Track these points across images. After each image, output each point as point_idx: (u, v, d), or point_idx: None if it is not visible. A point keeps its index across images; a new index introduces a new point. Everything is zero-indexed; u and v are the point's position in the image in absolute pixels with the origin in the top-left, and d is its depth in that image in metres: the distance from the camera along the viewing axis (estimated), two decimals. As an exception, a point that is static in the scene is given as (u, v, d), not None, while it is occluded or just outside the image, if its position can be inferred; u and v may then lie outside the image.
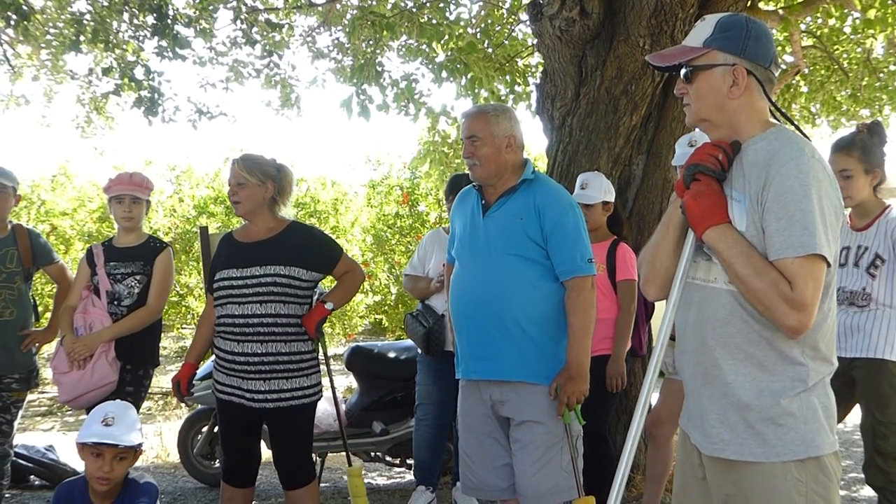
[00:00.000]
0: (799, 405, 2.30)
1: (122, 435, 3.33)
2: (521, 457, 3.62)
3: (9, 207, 5.07)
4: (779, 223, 2.25)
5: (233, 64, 10.53)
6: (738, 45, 2.42)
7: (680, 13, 5.27)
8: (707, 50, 2.44)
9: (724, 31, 2.43)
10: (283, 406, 4.14)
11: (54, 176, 15.15)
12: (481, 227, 3.75)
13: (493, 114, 3.76)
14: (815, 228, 2.21)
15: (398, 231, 15.04)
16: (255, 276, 4.13)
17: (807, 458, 2.30)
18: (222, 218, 13.95)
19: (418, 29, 8.02)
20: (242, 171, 4.20)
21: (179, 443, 6.50)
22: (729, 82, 2.42)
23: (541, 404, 3.60)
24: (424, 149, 10.63)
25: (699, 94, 2.46)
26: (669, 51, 2.55)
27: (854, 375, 4.25)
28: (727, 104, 2.44)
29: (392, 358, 6.30)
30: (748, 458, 2.34)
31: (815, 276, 2.22)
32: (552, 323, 3.65)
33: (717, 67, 2.42)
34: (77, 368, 4.58)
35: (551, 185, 3.87)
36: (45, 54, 10.84)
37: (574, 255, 3.64)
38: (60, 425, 10.06)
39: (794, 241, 2.22)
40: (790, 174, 2.26)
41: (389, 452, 6.12)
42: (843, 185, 4.18)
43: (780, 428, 2.31)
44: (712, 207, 2.39)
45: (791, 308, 2.21)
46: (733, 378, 2.38)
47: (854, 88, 11.26)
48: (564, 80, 5.73)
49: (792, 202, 2.24)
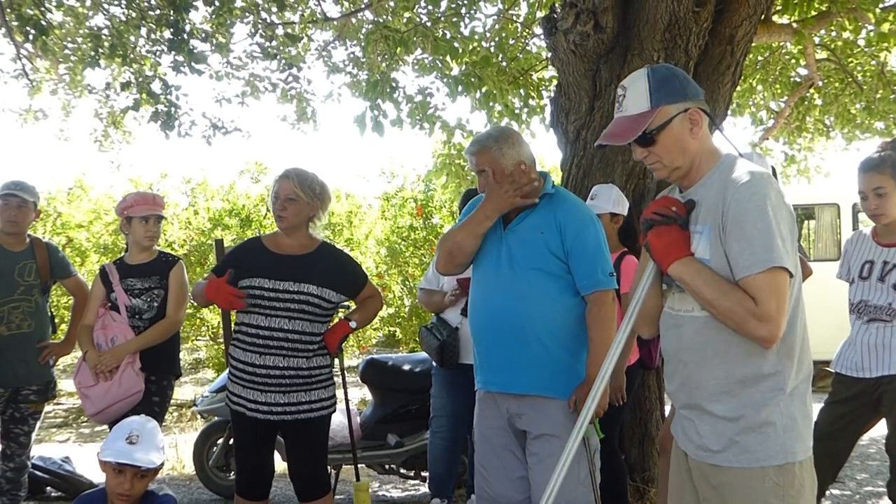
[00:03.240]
0: (779, 415, 2.46)
1: (145, 455, 3.33)
2: (538, 471, 3.59)
3: (29, 221, 5.14)
4: (739, 244, 2.40)
5: (249, 78, 10.59)
6: (681, 92, 2.58)
7: (694, 27, 5.29)
8: (657, 109, 2.54)
9: (662, 84, 2.56)
10: (301, 418, 4.17)
11: (70, 188, 15.23)
12: (502, 240, 3.73)
13: (496, 147, 3.71)
14: (773, 243, 2.36)
15: (412, 243, 15.03)
16: (288, 292, 4.15)
17: (785, 464, 2.46)
18: (237, 230, 13.98)
19: (433, 44, 8.04)
20: (296, 188, 4.21)
21: (195, 454, 6.52)
22: (688, 126, 2.57)
23: (558, 418, 3.59)
24: (440, 162, 10.65)
25: (666, 149, 2.58)
26: (620, 128, 2.61)
27: (881, 393, 4.21)
28: (690, 146, 2.58)
29: (407, 370, 6.31)
30: (733, 465, 2.49)
31: (777, 288, 2.37)
32: (572, 337, 3.65)
33: (674, 119, 2.55)
34: (104, 380, 4.61)
35: (571, 199, 3.86)
36: (64, 69, 10.92)
37: (595, 269, 3.63)
38: (76, 437, 10.10)
39: (755, 259, 2.37)
40: (744, 197, 2.41)
41: (404, 465, 6.13)
42: (877, 203, 4.20)
43: (761, 435, 2.46)
44: (673, 243, 2.56)
45: (759, 321, 2.36)
46: (717, 396, 2.53)
47: (868, 101, 11.24)
48: (579, 94, 5.74)
49: (749, 223, 2.39)
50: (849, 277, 4.45)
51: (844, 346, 4.43)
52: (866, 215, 4.42)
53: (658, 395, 5.81)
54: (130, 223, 4.89)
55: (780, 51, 11.08)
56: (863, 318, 4.27)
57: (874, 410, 4.29)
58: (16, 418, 5.05)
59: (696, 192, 2.60)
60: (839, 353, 4.44)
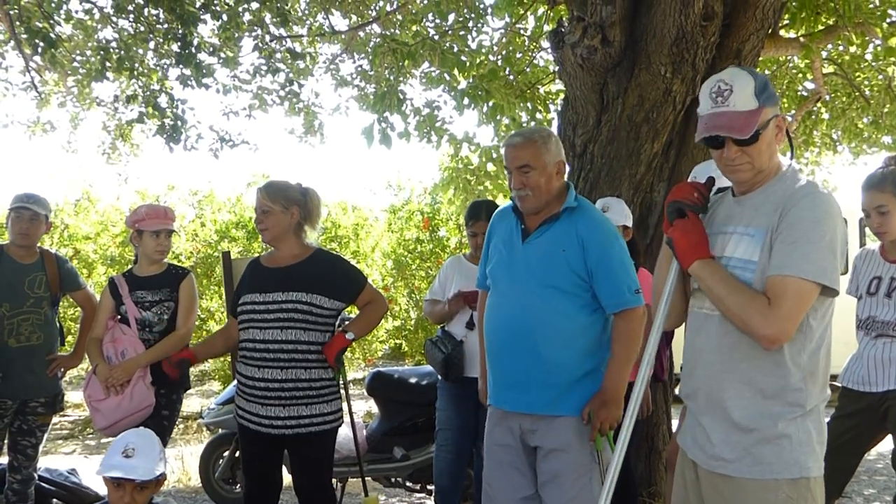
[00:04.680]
0: (795, 429, 2.47)
1: (142, 467, 3.33)
2: (551, 489, 3.55)
3: (40, 234, 5.15)
4: (782, 246, 2.42)
5: (257, 91, 10.63)
6: (775, 98, 2.60)
7: (701, 41, 5.29)
8: (762, 110, 2.55)
9: (764, 87, 2.56)
10: (303, 432, 4.16)
11: (78, 200, 15.25)
12: (520, 253, 3.66)
13: (541, 141, 3.62)
14: (814, 256, 2.38)
15: (419, 256, 15.03)
16: (276, 302, 4.15)
17: (799, 478, 2.46)
18: (244, 243, 14.00)
19: (440, 57, 8.06)
20: (266, 200, 4.24)
21: (201, 467, 6.52)
22: (776, 133, 2.59)
23: (571, 435, 3.53)
24: (447, 175, 10.65)
25: (760, 151, 2.57)
26: (734, 122, 2.54)
27: (887, 408, 4.20)
28: (775, 152, 2.61)
29: (413, 383, 6.31)
30: (746, 475, 2.49)
31: (798, 295, 2.38)
32: (588, 357, 3.57)
33: (770, 122, 2.56)
34: (115, 394, 4.61)
35: (594, 213, 3.75)
36: (72, 81, 10.98)
37: (622, 287, 3.54)
38: (82, 448, 10.10)
39: (789, 262, 2.39)
40: (805, 207, 2.43)
41: (410, 478, 6.12)
42: (879, 221, 4.21)
43: (777, 448, 2.47)
44: (699, 244, 2.61)
45: (765, 319, 2.39)
46: (736, 402, 2.53)
47: (876, 115, 11.24)
48: (586, 108, 5.75)
49: (799, 230, 2.41)
50: (857, 294, 4.45)
51: (851, 360, 4.42)
52: (871, 232, 4.42)
53: (665, 408, 5.80)
54: (141, 236, 4.88)
55: (788, 65, 11.10)
56: (870, 334, 4.27)
57: (880, 425, 4.29)
58: (23, 430, 5.04)
59: (754, 198, 2.60)
60: (846, 367, 4.44)
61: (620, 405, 3.51)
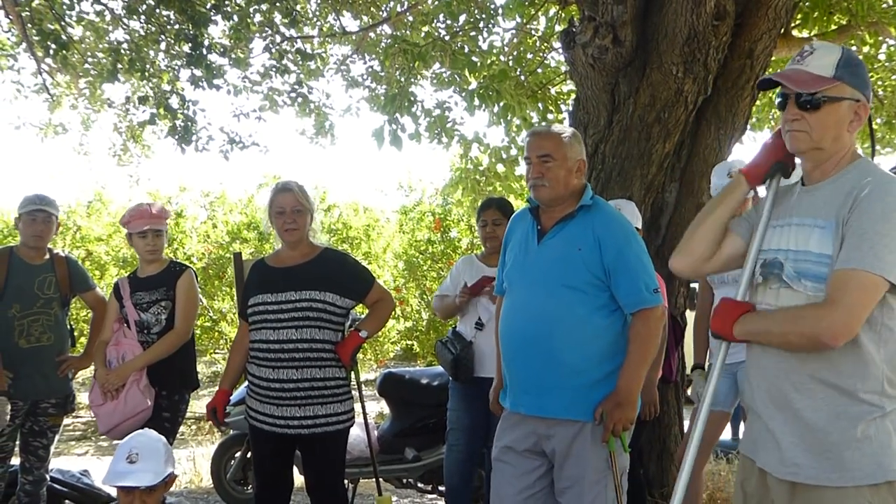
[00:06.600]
0: (876, 429, 2.32)
1: (146, 472, 3.31)
2: (571, 495, 3.48)
3: (51, 235, 5.15)
4: (851, 239, 2.32)
5: (268, 92, 10.64)
6: (863, 82, 2.49)
7: (713, 41, 5.27)
8: (837, 82, 2.45)
9: (850, 65, 2.47)
10: (318, 432, 4.15)
11: (90, 202, 15.32)
12: (535, 254, 3.60)
13: (566, 136, 3.59)
14: (882, 250, 2.26)
15: (430, 257, 15.03)
16: (290, 301, 4.15)
17: (882, 483, 2.31)
18: (255, 244, 14.04)
19: (451, 58, 8.05)
20: (301, 199, 4.26)
21: (213, 468, 6.53)
22: (850, 117, 2.47)
23: (588, 440, 3.46)
24: (457, 176, 10.63)
25: (823, 124, 2.47)
26: (798, 76, 2.49)
27: None
28: (844, 137, 2.49)
29: (424, 384, 6.30)
30: (824, 483, 2.35)
31: (863, 287, 2.27)
32: (605, 360, 3.49)
33: (845, 101, 2.46)
34: (110, 399, 4.62)
35: (610, 212, 3.68)
36: (84, 83, 11.02)
37: (639, 286, 3.47)
38: (94, 450, 10.13)
39: (857, 256, 2.28)
40: (876, 197, 2.33)
41: (421, 479, 6.11)
42: None
43: (857, 452, 2.32)
44: (727, 311, 2.59)
45: (818, 317, 2.29)
46: (810, 402, 2.40)
47: (889, 115, 11.16)
48: (597, 108, 5.73)
49: (868, 222, 2.30)
50: None
51: None
52: None
53: (677, 409, 5.78)
54: (132, 238, 4.91)
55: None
56: None
57: None
58: (35, 431, 5.05)
59: (824, 188, 2.49)
60: None
61: (635, 406, 3.46)
